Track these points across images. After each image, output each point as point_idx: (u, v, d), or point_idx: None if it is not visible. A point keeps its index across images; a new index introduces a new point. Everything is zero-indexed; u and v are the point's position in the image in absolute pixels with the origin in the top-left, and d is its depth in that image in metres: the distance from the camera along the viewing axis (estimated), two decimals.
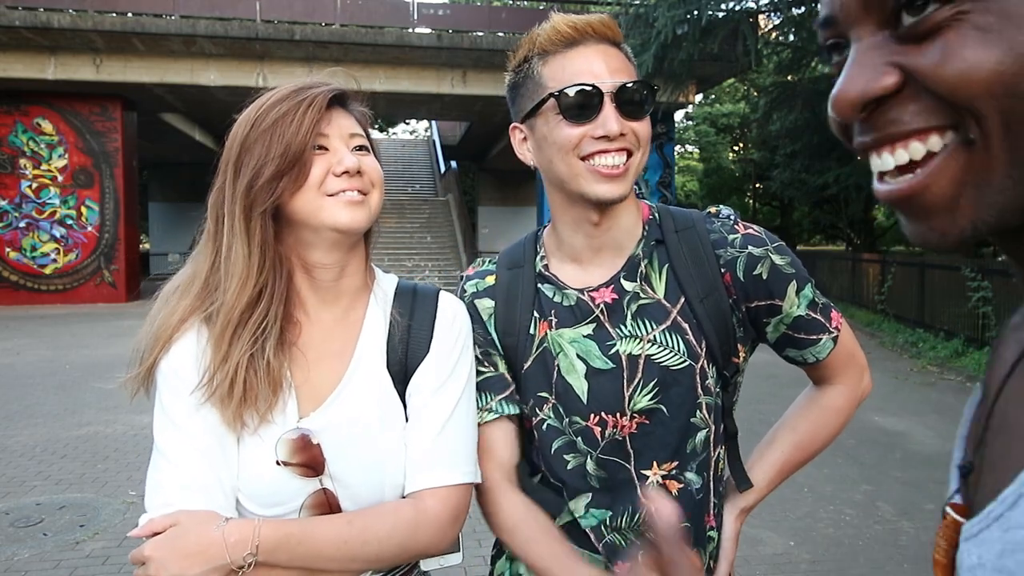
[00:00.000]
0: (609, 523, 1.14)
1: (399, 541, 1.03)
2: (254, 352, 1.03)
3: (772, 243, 1.16)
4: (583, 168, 1.09)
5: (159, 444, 1.04)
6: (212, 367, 1.03)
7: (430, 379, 1.12)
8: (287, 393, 1.06)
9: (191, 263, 1.13)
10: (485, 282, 1.28)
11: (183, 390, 1.04)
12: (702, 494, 1.15)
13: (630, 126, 1.09)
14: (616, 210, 1.15)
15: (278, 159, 1.03)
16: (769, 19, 15.50)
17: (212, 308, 1.06)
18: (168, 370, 1.06)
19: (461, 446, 1.11)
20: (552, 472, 1.18)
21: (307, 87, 1.08)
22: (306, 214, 1.05)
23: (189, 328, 1.07)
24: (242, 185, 1.05)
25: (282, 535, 0.97)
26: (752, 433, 1.31)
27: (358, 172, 1.06)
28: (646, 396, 1.12)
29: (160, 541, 0.96)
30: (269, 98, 1.08)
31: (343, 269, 1.12)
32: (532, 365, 1.19)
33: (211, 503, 1.01)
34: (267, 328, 1.05)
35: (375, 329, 1.14)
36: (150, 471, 1.04)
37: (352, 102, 1.14)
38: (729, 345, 1.15)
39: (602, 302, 1.16)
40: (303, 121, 1.03)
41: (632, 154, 1.10)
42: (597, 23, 1.11)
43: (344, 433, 1.07)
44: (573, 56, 1.10)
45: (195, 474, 1.01)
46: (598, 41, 1.11)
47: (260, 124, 1.05)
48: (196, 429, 1.03)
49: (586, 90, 1.07)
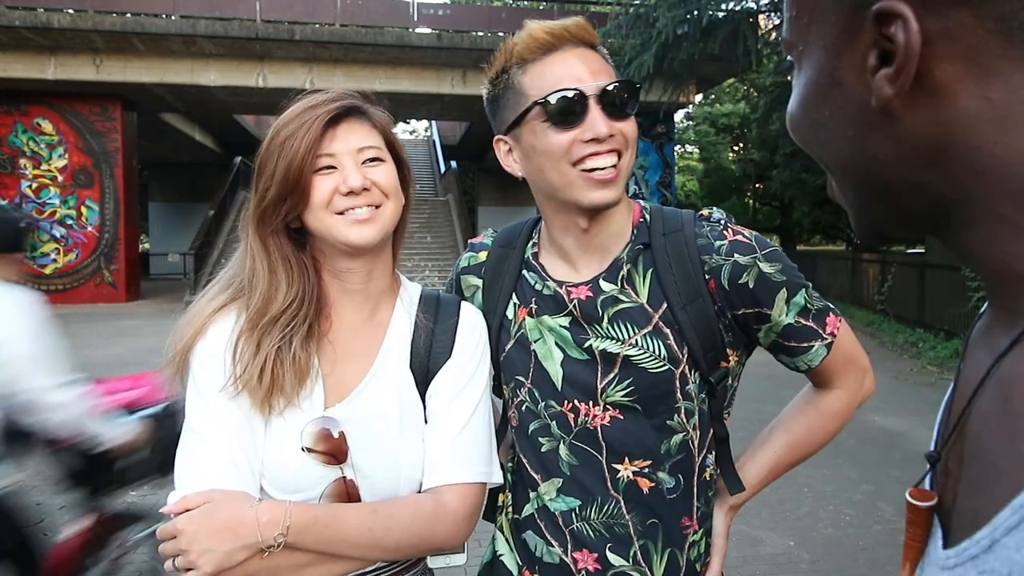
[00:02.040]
0: (579, 512, 1.16)
1: (419, 532, 1.06)
2: (282, 345, 1.07)
3: (762, 250, 1.14)
4: (576, 175, 1.09)
5: (192, 423, 1.07)
6: (244, 361, 1.06)
7: (451, 384, 1.16)
8: (314, 381, 1.10)
9: (232, 264, 1.18)
10: (478, 257, 1.32)
11: (218, 372, 1.07)
12: (676, 495, 1.15)
13: (617, 127, 1.08)
14: (606, 215, 1.15)
15: (279, 183, 1.07)
16: (769, 19, 15.50)
17: (250, 301, 1.10)
18: (203, 352, 1.09)
19: (478, 447, 1.15)
20: (527, 454, 1.22)
21: (315, 105, 1.09)
22: (319, 232, 1.10)
23: (226, 315, 1.11)
24: (255, 203, 1.10)
25: (311, 518, 1.00)
26: (752, 433, 1.31)
27: (365, 189, 1.08)
28: (620, 392, 1.13)
29: (193, 516, 0.97)
30: (288, 113, 1.11)
31: (370, 273, 1.16)
32: (511, 349, 1.23)
33: (241, 482, 1.03)
34: (296, 327, 1.09)
35: (400, 330, 1.19)
36: (180, 449, 1.06)
37: (368, 109, 1.15)
38: (716, 351, 1.14)
39: (576, 298, 1.17)
40: (302, 143, 1.06)
41: (622, 155, 1.10)
42: (573, 27, 1.10)
43: (366, 426, 1.10)
44: (552, 62, 1.09)
45: (227, 453, 1.04)
46: (576, 45, 1.10)
47: (273, 142, 1.09)
48: (229, 410, 1.06)
49: (570, 95, 1.07)
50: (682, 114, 26.50)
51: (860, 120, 0.48)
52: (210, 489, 1.01)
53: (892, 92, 0.44)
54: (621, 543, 1.14)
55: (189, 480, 1.03)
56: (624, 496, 1.15)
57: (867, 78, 0.46)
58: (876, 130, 0.47)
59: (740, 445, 1.23)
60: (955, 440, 0.51)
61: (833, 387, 1.22)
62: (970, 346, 0.54)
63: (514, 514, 1.26)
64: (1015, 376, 0.43)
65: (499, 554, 1.28)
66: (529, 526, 1.22)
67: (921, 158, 0.46)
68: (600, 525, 1.15)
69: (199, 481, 1.02)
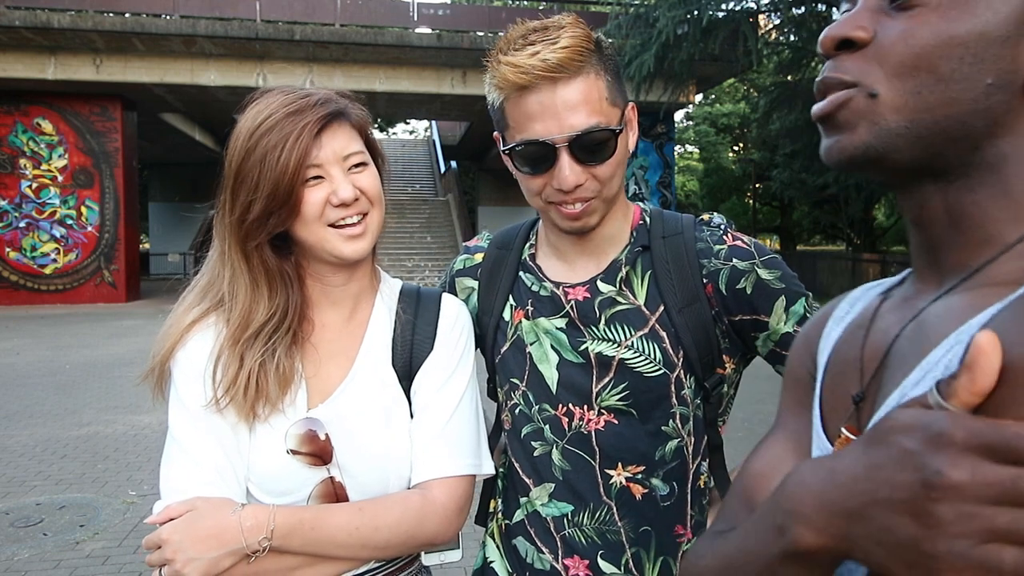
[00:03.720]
0: (571, 518, 1.15)
1: (407, 529, 1.05)
2: (265, 357, 1.06)
3: (761, 256, 1.13)
4: (552, 208, 1.11)
5: (174, 432, 1.06)
6: (229, 376, 1.04)
7: (434, 376, 1.15)
8: (298, 385, 1.09)
9: (208, 271, 1.14)
10: (474, 259, 1.31)
11: (200, 384, 1.06)
12: (669, 502, 1.13)
13: (589, 173, 1.06)
14: (594, 228, 1.15)
15: (266, 198, 1.02)
16: (769, 19, 15.51)
17: (230, 315, 1.09)
18: (185, 360, 1.08)
19: (465, 439, 1.14)
20: (519, 458, 1.21)
21: (298, 111, 1.04)
22: (310, 244, 1.08)
23: (206, 324, 1.10)
24: (235, 217, 1.06)
25: (296, 520, 1.00)
26: (752, 433, 1.31)
27: (355, 199, 1.07)
28: (615, 396, 1.12)
29: (177, 525, 0.97)
30: (264, 116, 1.04)
31: (352, 275, 1.15)
32: (507, 351, 1.22)
33: (225, 490, 1.03)
34: (279, 338, 1.08)
35: (381, 327, 1.18)
36: (164, 459, 1.06)
37: (347, 109, 1.11)
38: (711, 356, 1.13)
39: (573, 299, 1.16)
40: (291, 156, 1.01)
41: (594, 199, 1.09)
42: (542, 67, 1.02)
43: (350, 425, 1.09)
44: (526, 103, 1.05)
45: (209, 461, 1.03)
46: (550, 83, 1.03)
47: (252, 153, 1.03)
48: (211, 418, 1.05)
49: (538, 146, 1.05)
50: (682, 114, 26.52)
51: (1008, 79, 0.53)
52: (193, 497, 1.00)
53: None
54: (613, 550, 1.13)
55: (173, 489, 1.03)
56: (617, 502, 1.13)
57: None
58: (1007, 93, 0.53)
59: (741, 446, 1.23)
60: (873, 381, 0.59)
61: None
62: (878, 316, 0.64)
63: (505, 519, 1.24)
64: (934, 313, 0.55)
65: (489, 560, 1.26)
66: (520, 532, 1.20)
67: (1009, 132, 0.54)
68: (592, 532, 1.14)
69: (182, 490, 1.02)
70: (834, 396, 0.65)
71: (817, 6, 14.09)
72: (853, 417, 0.61)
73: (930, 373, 0.50)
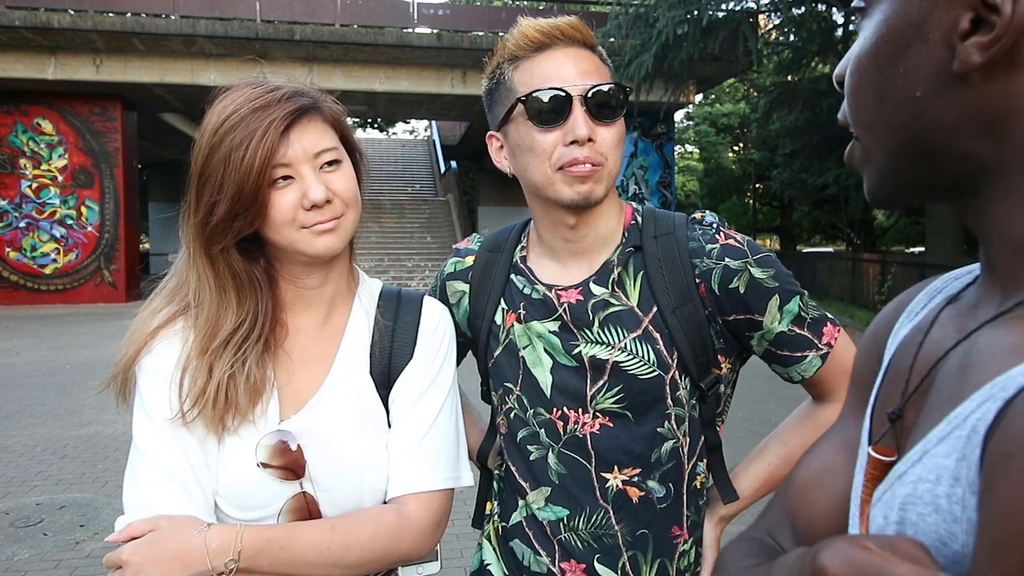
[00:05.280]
0: (567, 521, 1.14)
1: (381, 547, 1.01)
2: (235, 368, 1.01)
3: (754, 255, 1.11)
4: (558, 175, 1.08)
5: (138, 442, 1.02)
6: (198, 388, 1.00)
7: (413, 386, 1.11)
8: (270, 395, 1.04)
9: (175, 272, 1.10)
10: (464, 262, 1.30)
11: (166, 394, 1.01)
12: (666, 504, 1.13)
13: (600, 130, 1.07)
14: (593, 215, 1.13)
15: (231, 199, 0.96)
16: (769, 19, 15.51)
17: (197, 321, 1.04)
18: (151, 368, 1.03)
19: (443, 452, 1.10)
20: (516, 461, 1.20)
21: (264, 106, 0.98)
22: (280, 245, 1.03)
23: (173, 330, 1.05)
24: (199, 219, 1.00)
25: (264, 540, 0.96)
26: (752, 433, 1.31)
27: (328, 201, 1.01)
28: (610, 399, 1.12)
29: (139, 545, 0.93)
30: (229, 111, 0.99)
31: (327, 276, 1.10)
32: (500, 355, 1.21)
33: (191, 503, 0.99)
34: (250, 347, 1.03)
35: (358, 333, 1.13)
36: (128, 470, 1.02)
37: (320, 103, 1.05)
38: (706, 356, 1.12)
39: (566, 302, 1.15)
40: (256, 155, 0.95)
41: (600, 166, 1.08)
42: (566, 26, 1.08)
43: (324, 437, 1.05)
44: (542, 60, 1.08)
45: (175, 475, 0.99)
46: (567, 44, 1.09)
47: (216, 151, 0.97)
48: (177, 430, 1.00)
49: (554, 94, 1.06)
50: (682, 114, 26.51)
51: (933, 81, 0.48)
52: (156, 516, 0.96)
53: (980, 60, 0.45)
54: (610, 554, 1.13)
55: (136, 504, 0.98)
56: (613, 505, 1.13)
57: (953, 41, 0.46)
58: (945, 94, 0.48)
59: (740, 445, 1.23)
60: (917, 396, 0.54)
61: (830, 399, 1.17)
62: (938, 322, 0.58)
63: (501, 522, 1.24)
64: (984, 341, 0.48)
65: (486, 563, 1.25)
66: (517, 535, 1.20)
67: (979, 127, 0.47)
68: (588, 535, 1.13)
69: (146, 504, 0.97)
70: (884, 405, 0.60)
71: (817, 6, 14.10)
72: (889, 436, 0.56)
73: (956, 431, 0.44)
